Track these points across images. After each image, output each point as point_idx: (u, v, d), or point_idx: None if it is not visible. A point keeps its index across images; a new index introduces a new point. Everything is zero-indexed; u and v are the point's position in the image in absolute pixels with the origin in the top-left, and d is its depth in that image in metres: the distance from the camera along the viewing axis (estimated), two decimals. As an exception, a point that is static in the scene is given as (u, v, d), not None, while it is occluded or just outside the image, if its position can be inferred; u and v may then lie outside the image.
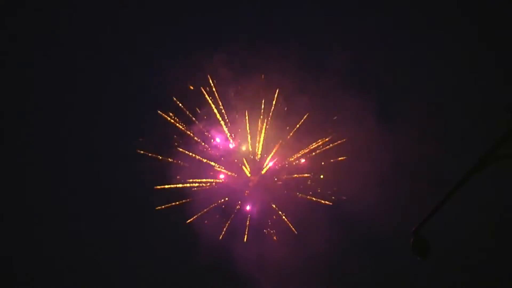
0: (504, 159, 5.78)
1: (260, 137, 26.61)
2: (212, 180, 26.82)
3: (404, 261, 21.17)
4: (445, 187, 6.59)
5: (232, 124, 26.62)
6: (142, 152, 25.98)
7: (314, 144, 26.87)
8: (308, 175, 26.93)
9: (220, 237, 26.40)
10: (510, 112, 5.60)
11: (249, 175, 26.92)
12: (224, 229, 26.57)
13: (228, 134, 26.68)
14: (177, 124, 26.24)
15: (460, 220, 19.99)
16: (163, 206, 26.06)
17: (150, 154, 26.09)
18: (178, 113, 26.33)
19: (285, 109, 26.56)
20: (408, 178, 24.49)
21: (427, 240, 7.15)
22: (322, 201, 26.70)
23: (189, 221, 26.30)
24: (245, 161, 26.77)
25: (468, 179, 6.21)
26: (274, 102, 26.44)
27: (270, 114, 26.33)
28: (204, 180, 26.65)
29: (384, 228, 24.56)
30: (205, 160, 26.53)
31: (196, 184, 26.52)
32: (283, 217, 26.79)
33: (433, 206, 6.86)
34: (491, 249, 22.94)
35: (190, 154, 26.33)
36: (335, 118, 26.76)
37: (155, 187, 25.95)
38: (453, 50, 24.61)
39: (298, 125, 26.42)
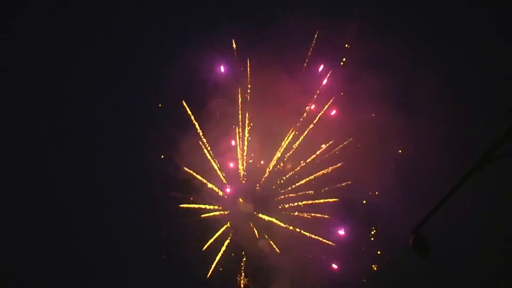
0: (505, 157, 5.78)
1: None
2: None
3: (404, 260, 21.16)
4: (445, 186, 6.57)
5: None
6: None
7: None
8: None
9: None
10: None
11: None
12: None
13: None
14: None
15: (460, 219, 19.95)
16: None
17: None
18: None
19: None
20: (408, 177, 24.47)
21: (427, 239, 7.15)
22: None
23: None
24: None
25: (469, 178, 6.19)
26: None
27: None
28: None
29: (385, 228, 24.56)
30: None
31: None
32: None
33: (433, 205, 6.85)
34: (491, 248, 22.88)
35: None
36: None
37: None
38: (454, 50, 24.57)
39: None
